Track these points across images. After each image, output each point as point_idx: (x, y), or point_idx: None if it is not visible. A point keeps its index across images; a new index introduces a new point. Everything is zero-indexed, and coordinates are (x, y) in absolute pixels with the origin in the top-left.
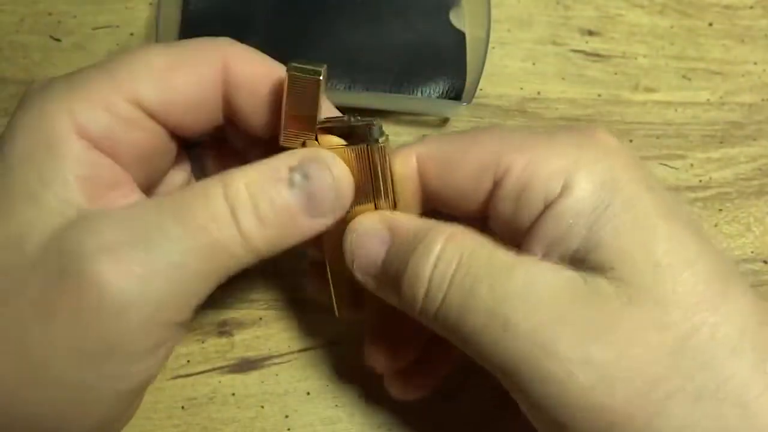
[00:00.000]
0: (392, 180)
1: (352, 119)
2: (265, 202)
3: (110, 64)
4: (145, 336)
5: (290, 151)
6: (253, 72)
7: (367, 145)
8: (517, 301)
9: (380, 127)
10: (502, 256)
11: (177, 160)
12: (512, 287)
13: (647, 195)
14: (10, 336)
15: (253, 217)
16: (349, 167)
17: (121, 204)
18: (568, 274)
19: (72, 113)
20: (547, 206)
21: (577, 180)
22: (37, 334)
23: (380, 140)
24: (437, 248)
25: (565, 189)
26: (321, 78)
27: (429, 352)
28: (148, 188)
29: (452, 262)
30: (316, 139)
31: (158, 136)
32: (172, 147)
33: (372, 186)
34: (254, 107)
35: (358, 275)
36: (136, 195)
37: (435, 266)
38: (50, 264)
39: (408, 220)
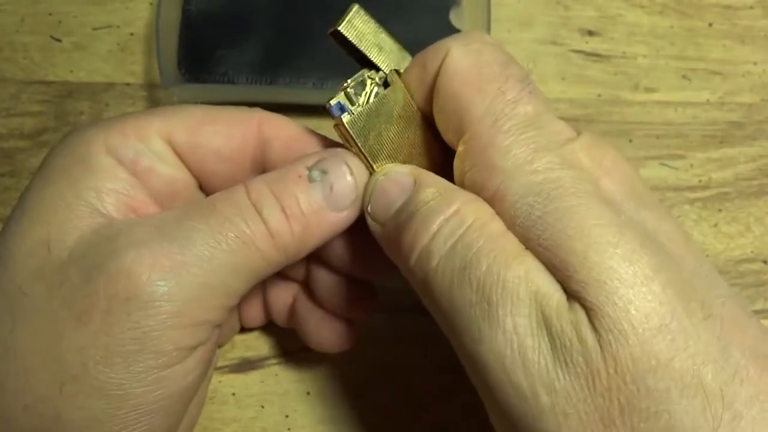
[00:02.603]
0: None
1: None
2: (290, 198)
3: (151, 109)
4: (175, 333)
5: (306, 154)
6: (287, 132)
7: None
8: (507, 297)
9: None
10: (511, 241)
11: None
12: (509, 278)
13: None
14: (46, 341)
15: (279, 213)
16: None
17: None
18: (556, 288)
19: (107, 140)
20: None
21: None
22: (70, 337)
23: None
24: (455, 206)
25: None
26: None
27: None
28: None
29: (464, 223)
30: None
31: (185, 178)
32: (200, 197)
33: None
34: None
35: (369, 219)
36: None
37: (447, 220)
38: (80, 263)
39: (437, 179)
